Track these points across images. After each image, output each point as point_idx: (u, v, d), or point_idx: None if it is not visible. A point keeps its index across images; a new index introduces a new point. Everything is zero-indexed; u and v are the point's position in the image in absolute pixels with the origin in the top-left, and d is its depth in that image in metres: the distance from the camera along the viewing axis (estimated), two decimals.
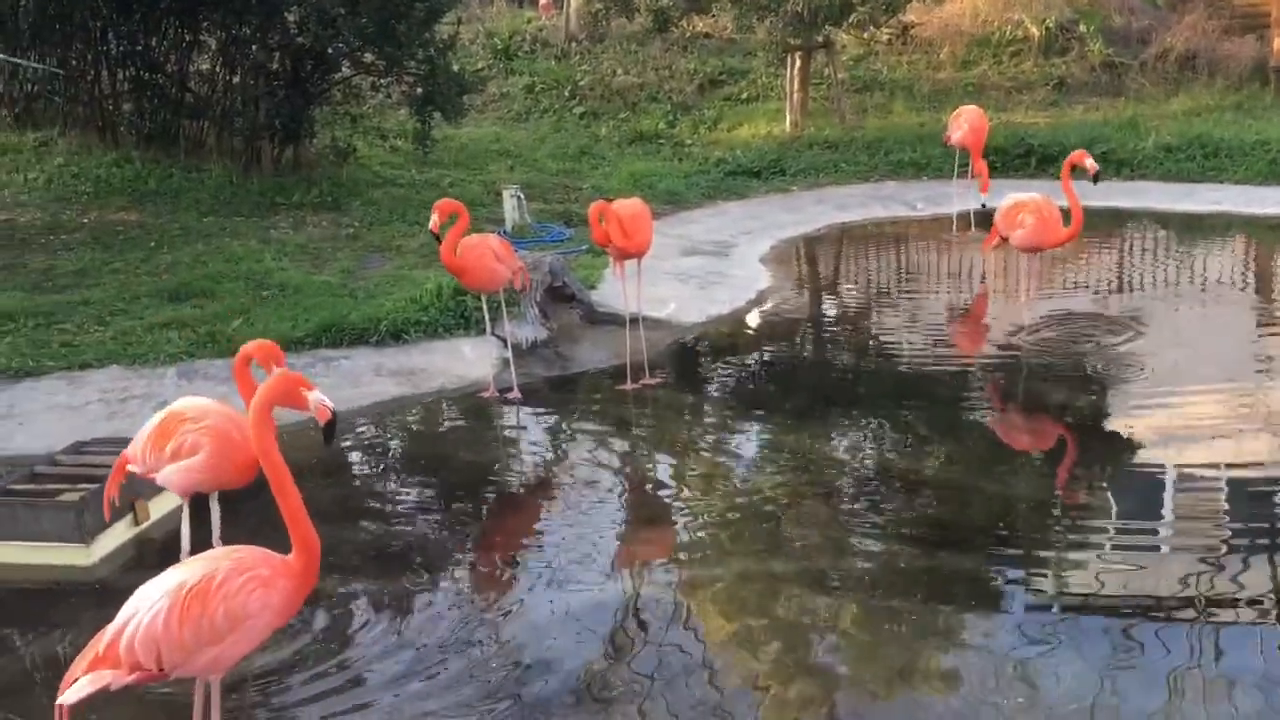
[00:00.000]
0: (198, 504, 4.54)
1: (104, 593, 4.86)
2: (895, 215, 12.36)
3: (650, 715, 4.00)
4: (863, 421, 6.71)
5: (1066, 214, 7.85)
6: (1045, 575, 4.90)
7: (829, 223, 12.01)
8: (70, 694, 3.26)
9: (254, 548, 3.47)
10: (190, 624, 3.24)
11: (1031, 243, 7.96)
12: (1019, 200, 8.02)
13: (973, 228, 11.32)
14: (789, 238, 11.48)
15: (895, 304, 9.48)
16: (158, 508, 5.54)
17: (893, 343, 8.34)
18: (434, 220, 6.71)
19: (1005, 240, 8.16)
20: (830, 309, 9.61)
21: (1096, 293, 9.43)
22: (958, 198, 11.64)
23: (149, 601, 3.28)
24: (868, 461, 6.16)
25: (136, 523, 5.41)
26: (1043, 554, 5.11)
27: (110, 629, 3.31)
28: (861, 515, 5.54)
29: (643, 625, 4.61)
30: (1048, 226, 7.84)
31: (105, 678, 3.28)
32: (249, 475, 4.34)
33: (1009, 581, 4.86)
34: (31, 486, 5.36)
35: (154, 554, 5.14)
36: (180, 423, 4.35)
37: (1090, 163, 7.97)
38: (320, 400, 3.48)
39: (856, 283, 10.36)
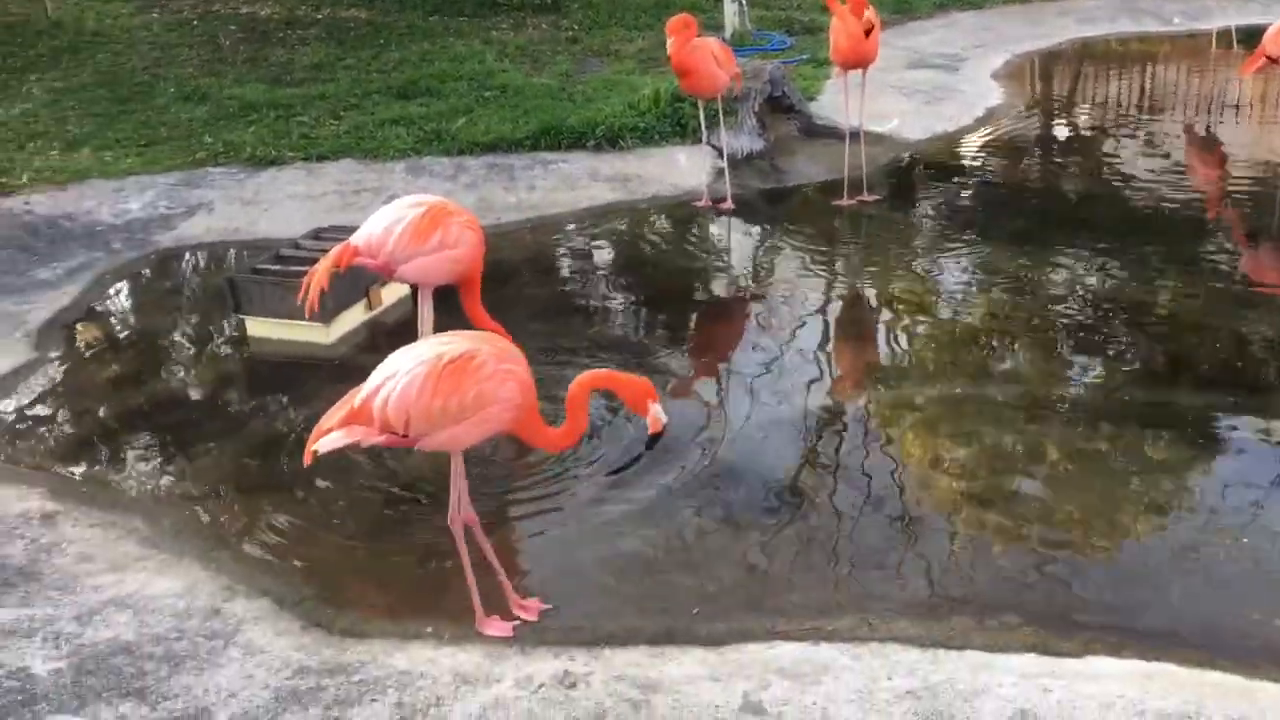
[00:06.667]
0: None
1: (341, 368, 5.25)
2: (1146, 30, 11.37)
3: (846, 527, 4.08)
4: (1090, 250, 6.37)
5: None
6: (1275, 418, 4.64)
7: (1071, 37, 11.18)
8: (324, 444, 3.36)
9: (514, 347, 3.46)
10: (442, 396, 3.27)
11: None
12: None
13: (1235, 46, 10.32)
14: (1025, 52, 10.77)
15: (1137, 128, 8.83)
16: (389, 295, 5.90)
17: (1130, 170, 7.81)
18: (670, 43, 6.58)
19: (1273, 62, 7.41)
20: (1063, 131, 9.04)
21: None
22: (1219, 12, 10.58)
23: (407, 366, 3.32)
24: (1092, 292, 5.89)
25: (370, 308, 5.78)
26: (1275, 396, 4.83)
27: (365, 387, 3.36)
28: (1080, 346, 5.35)
29: (842, 441, 4.65)
30: None
31: (357, 433, 3.36)
32: (479, 269, 4.49)
33: (1234, 423, 4.63)
34: (277, 267, 5.76)
35: (384, 337, 5.48)
36: (448, 215, 4.34)
37: None
38: (657, 414, 3.46)
39: (1095, 104, 9.68)
